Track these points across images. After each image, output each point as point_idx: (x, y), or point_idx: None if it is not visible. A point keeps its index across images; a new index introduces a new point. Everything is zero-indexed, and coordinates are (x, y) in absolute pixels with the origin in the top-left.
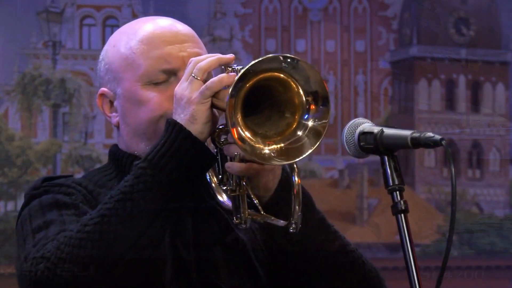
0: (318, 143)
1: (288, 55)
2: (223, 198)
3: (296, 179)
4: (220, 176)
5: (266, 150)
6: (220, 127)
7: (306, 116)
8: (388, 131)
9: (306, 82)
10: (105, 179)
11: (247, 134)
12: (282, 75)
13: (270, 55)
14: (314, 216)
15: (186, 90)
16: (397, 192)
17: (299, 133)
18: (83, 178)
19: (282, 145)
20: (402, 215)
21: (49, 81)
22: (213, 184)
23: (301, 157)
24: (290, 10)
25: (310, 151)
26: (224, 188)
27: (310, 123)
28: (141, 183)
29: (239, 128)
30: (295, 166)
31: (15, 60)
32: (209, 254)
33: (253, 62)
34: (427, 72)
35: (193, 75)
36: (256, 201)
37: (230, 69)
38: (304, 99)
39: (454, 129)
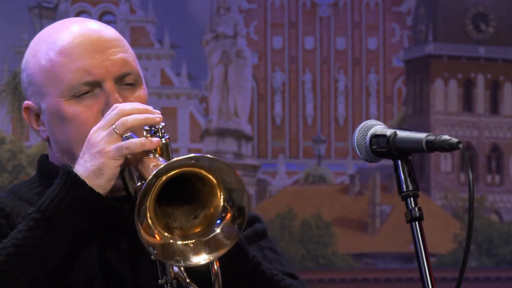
0: (214, 257)
1: (215, 158)
2: None
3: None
4: None
5: (178, 243)
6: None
7: (218, 221)
8: (401, 133)
9: (232, 192)
10: (32, 192)
11: (156, 231)
12: (204, 173)
13: (193, 155)
14: (246, 266)
15: (102, 140)
16: (412, 198)
17: (204, 238)
18: (5, 195)
19: (191, 242)
20: (417, 222)
21: None
22: None
23: (195, 264)
24: (298, 5)
25: (203, 262)
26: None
27: (217, 231)
28: (33, 237)
29: (149, 222)
30: None
31: (5, 58)
32: (146, 263)
33: (174, 159)
34: (444, 71)
35: (114, 127)
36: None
37: (151, 132)
38: (222, 204)
39: (472, 131)
